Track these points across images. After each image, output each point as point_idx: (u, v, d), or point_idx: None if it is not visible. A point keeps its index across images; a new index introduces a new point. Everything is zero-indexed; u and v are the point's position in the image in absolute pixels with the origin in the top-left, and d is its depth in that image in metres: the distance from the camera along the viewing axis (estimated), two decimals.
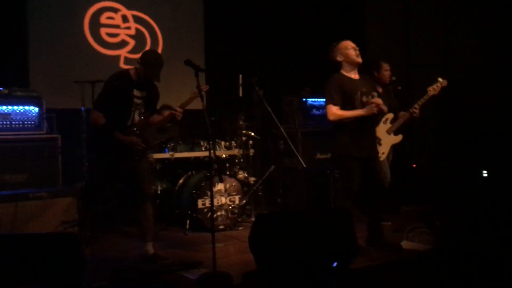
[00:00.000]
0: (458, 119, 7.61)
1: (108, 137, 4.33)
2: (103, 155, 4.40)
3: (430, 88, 5.66)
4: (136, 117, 4.46)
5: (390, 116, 5.84)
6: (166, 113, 4.59)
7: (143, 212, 4.58)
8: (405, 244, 4.89)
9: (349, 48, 4.69)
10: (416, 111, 5.68)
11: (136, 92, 4.43)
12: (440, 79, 5.67)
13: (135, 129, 4.43)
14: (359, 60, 4.70)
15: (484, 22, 7.83)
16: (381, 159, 5.74)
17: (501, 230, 4.68)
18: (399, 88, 6.04)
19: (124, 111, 4.40)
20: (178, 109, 4.49)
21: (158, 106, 5.98)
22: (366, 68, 5.69)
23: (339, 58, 4.72)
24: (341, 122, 4.66)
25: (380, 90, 5.89)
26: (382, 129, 5.78)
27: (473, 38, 7.88)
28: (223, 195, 5.74)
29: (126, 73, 4.47)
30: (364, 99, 4.67)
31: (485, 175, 6.95)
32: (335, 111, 4.59)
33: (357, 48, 4.71)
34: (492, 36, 7.70)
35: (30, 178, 5.27)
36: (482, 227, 4.86)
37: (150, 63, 4.39)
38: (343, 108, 4.64)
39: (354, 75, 4.74)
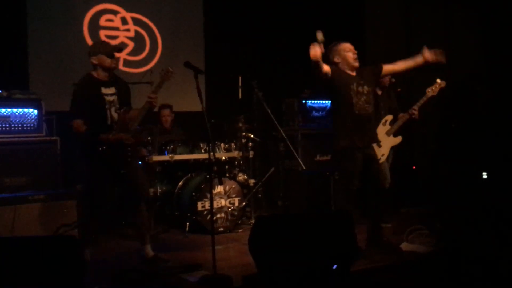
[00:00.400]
0: (458, 120, 7.61)
1: (94, 141, 4.33)
2: (95, 160, 4.38)
3: (429, 89, 5.69)
4: (114, 114, 4.45)
5: (389, 117, 5.85)
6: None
7: (139, 213, 4.57)
8: (405, 246, 4.88)
9: (348, 51, 4.66)
10: (415, 112, 5.71)
11: (104, 90, 4.43)
12: (438, 80, 5.70)
13: (116, 126, 4.42)
14: (356, 64, 4.66)
15: (484, 24, 7.84)
16: (381, 161, 5.74)
17: (501, 231, 4.68)
18: (399, 90, 6.05)
19: (99, 111, 4.39)
20: (151, 95, 4.43)
21: (156, 109, 5.97)
22: None
23: (336, 60, 4.68)
24: (337, 111, 4.66)
25: (380, 92, 5.90)
26: (381, 131, 5.79)
27: (473, 40, 7.89)
28: (223, 197, 5.73)
29: (88, 75, 4.49)
30: (360, 89, 4.63)
31: (485, 176, 6.95)
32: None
33: (356, 52, 4.67)
34: (492, 38, 7.71)
35: (29, 180, 5.25)
36: (483, 229, 4.85)
37: (98, 48, 4.45)
38: (339, 99, 4.63)
39: (352, 73, 4.70)
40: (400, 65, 4.81)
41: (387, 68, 4.82)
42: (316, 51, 4.22)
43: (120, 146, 4.39)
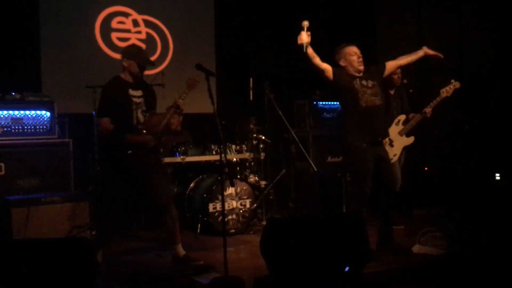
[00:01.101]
0: (471, 121, 7.56)
1: (120, 141, 4.34)
2: (119, 160, 4.40)
3: (443, 90, 5.68)
4: (140, 116, 4.49)
5: (402, 117, 5.84)
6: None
7: (168, 214, 4.58)
8: (418, 248, 4.86)
9: (353, 55, 4.73)
10: (429, 113, 5.69)
11: (132, 92, 4.47)
12: (453, 81, 5.69)
13: (141, 127, 4.45)
14: (361, 68, 4.73)
15: (497, 25, 7.78)
16: (393, 161, 5.74)
17: None
18: (411, 91, 6.03)
19: (126, 112, 4.43)
20: (178, 101, 4.47)
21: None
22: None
23: (342, 63, 4.78)
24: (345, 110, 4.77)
25: (392, 92, 5.89)
26: (394, 131, 5.78)
27: (486, 41, 7.83)
28: (234, 199, 5.74)
29: (117, 77, 4.53)
30: (364, 82, 4.69)
31: (498, 178, 6.90)
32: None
33: (361, 56, 4.74)
34: (506, 38, 7.64)
35: (42, 182, 5.30)
36: (496, 231, 4.82)
37: (134, 53, 4.48)
38: (344, 96, 4.73)
39: (356, 74, 4.76)
40: (402, 60, 4.91)
41: (390, 64, 4.88)
42: (300, 36, 4.55)
43: (144, 148, 4.42)
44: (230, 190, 5.70)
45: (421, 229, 5.03)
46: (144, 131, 4.43)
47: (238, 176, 6.00)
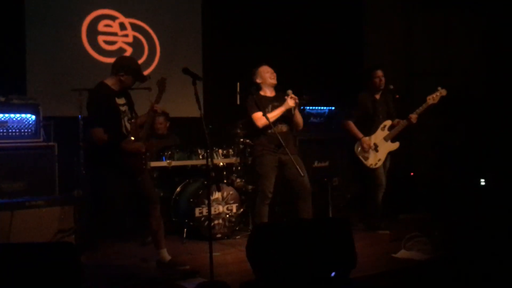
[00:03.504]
0: (457, 127, 7.61)
1: (115, 150, 4.32)
2: (114, 168, 4.37)
3: (430, 97, 5.73)
4: (127, 124, 4.49)
5: (388, 123, 5.87)
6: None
7: (154, 218, 4.58)
8: (403, 253, 4.88)
9: (266, 72, 5.44)
10: (414, 118, 5.72)
11: (118, 100, 4.46)
12: (439, 88, 5.74)
13: (130, 135, 4.44)
14: (274, 82, 5.44)
15: (485, 30, 7.85)
16: (377, 166, 5.78)
17: (499, 239, 4.68)
18: (397, 96, 6.07)
19: (115, 121, 4.41)
20: (155, 105, 4.54)
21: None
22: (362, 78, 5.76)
23: (258, 80, 5.46)
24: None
25: (378, 97, 5.92)
26: (379, 136, 5.81)
27: (474, 47, 7.89)
28: (221, 204, 5.73)
29: (104, 84, 4.47)
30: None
31: (482, 183, 6.95)
32: (259, 117, 5.25)
33: (274, 72, 5.45)
34: (494, 44, 7.71)
35: (26, 186, 5.25)
36: (481, 236, 4.85)
37: (133, 69, 4.45)
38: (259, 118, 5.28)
39: (270, 93, 5.46)
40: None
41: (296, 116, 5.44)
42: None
43: (136, 155, 4.41)
44: (217, 195, 5.69)
45: (406, 234, 5.05)
46: (133, 138, 4.42)
47: (225, 181, 5.99)
